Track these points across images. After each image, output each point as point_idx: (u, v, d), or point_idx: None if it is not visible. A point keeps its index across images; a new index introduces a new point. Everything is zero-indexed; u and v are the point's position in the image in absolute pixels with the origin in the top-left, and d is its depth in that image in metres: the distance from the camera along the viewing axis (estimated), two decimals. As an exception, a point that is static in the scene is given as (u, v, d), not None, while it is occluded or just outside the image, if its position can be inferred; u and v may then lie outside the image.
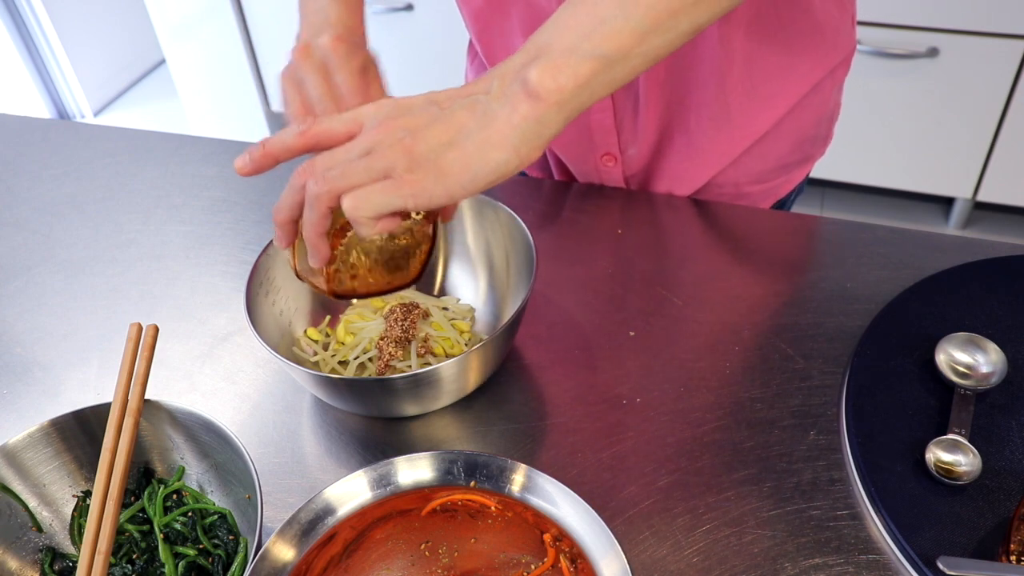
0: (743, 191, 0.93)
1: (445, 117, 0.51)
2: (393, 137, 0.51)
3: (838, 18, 0.84)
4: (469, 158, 0.50)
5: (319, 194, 0.51)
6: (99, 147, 1.06)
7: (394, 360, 0.71)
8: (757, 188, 0.93)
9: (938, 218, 2.26)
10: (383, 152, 0.51)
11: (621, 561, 0.48)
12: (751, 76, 0.83)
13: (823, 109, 0.92)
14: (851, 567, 0.57)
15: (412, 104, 0.52)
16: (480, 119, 0.50)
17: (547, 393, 0.71)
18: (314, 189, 0.51)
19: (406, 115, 0.52)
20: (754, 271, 0.81)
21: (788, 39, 0.82)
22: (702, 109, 0.85)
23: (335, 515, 0.53)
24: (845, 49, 0.87)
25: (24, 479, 0.60)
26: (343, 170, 0.51)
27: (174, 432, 0.61)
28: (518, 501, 0.53)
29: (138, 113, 3.00)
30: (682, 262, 0.83)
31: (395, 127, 0.51)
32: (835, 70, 0.88)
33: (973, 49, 1.83)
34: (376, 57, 0.66)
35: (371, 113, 0.53)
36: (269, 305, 0.71)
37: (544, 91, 0.50)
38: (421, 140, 0.50)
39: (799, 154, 0.93)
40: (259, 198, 0.95)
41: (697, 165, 0.90)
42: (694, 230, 0.88)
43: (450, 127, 0.51)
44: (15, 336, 0.81)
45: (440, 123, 0.51)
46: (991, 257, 0.77)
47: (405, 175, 0.50)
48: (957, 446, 0.61)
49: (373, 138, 0.51)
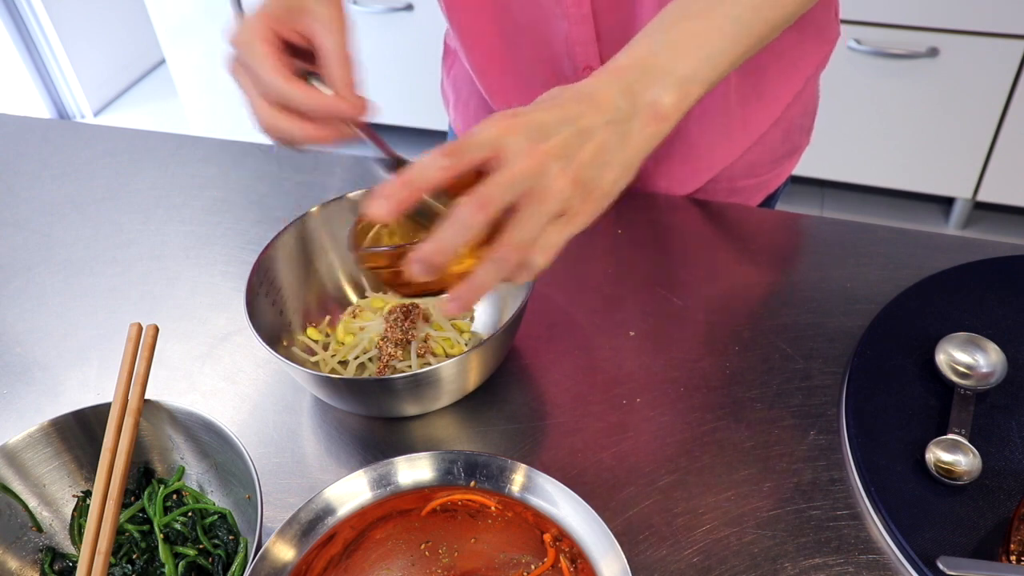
0: (736, 186, 0.93)
1: (589, 137, 0.50)
2: (553, 170, 0.48)
3: (825, 11, 0.85)
4: (619, 178, 0.51)
5: (507, 259, 0.48)
6: (99, 147, 1.06)
7: (394, 360, 0.71)
8: (751, 182, 0.94)
9: (938, 218, 2.26)
10: (553, 192, 0.48)
11: (621, 561, 0.48)
12: (752, 82, 0.84)
13: (810, 100, 0.93)
14: (851, 567, 0.57)
15: (546, 123, 0.49)
16: (619, 139, 0.51)
17: (547, 393, 0.71)
18: (509, 256, 0.48)
19: (548, 138, 0.48)
20: (754, 271, 0.81)
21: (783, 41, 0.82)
22: (704, 118, 0.86)
23: (335, 515, 0.53)
24: (833, 41, 0.88)
25: (24, 479, 0.60)
26: (531, 234, 0.48)
27: (174, 432, 0.61)
28: (518, 501, 0.53)
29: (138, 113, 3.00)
30: (682, 262, 0.83)
31: (546, 157, 0.48)
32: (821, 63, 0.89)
33: (973, 49, 1.83)
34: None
35: (509, 140, 0.47)
36: (269, 305, 0.71)
37: (671, 114, 0.53)
38: (582, 168, 0.49)
39: (788, 145, 0.94)
40: (259, 198, 0.95)
41: (697, 170, 0.91)
42: (694, 230, 0.88)
43: (599, 149, 0.50)
44: (15, 336, 0.81)
45: (588, 144, 0.50)
46: (991, 257, 0.77)
47: (579, 207, 0.49)
48: (957, 446, 0.61)
49: (528, 172, 0.47)
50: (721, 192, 0.93)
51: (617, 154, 0.51)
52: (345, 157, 0.99)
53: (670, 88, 0.53)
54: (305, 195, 0.94)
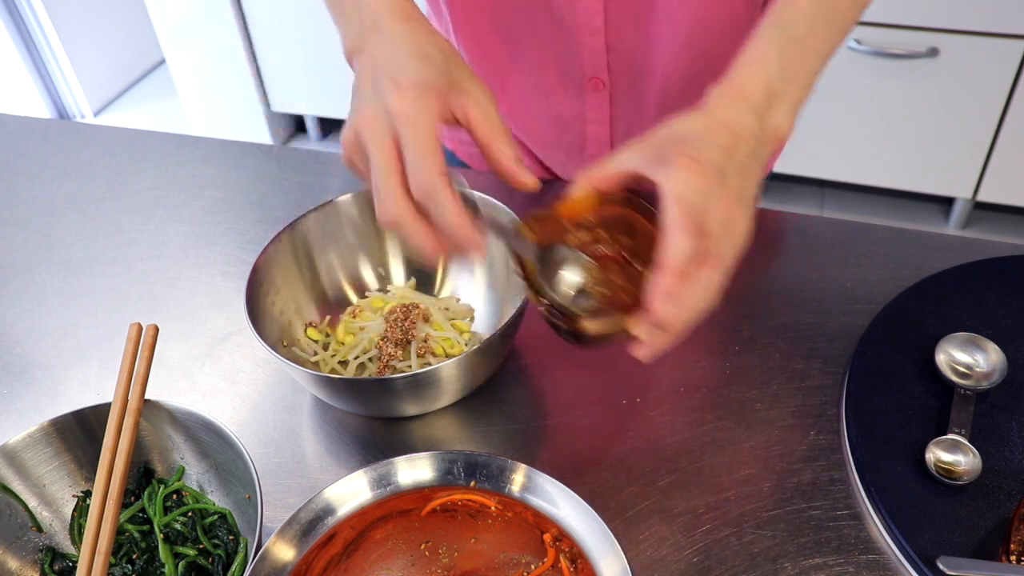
0: None
1: (747, 175, 0.53)
2: (726, 231, 0.50)
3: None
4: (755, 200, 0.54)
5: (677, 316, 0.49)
6: (99, 147, 1.06)
7: (394, 360, 0.71)
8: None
9: (938, 218, 2.26)
10: (725, 257, 0.50)
11: (621, 561, 0.48)
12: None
13: None
14: (851, 567, 0.57)
15: (723, 168, 0.50)
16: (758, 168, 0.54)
17: (547, 393, 0.71)
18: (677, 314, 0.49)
19: (727, 181, 0.50)
20: (754, 271, 0.81)
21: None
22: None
23: (335, 515, 0.53)
24: None
25: (24, 479, 0.60)
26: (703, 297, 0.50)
27: (174, 432, 0.61)
28: (518, 501, 0.53)
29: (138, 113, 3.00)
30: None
31: (734, 204, 0.50)
32: None
33: (973, 49, 1.83)
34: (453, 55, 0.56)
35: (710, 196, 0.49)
36: (269, 305, 0.71)
37: (787, 136, 0.57)
38: (746, 218, 0.52)
39: None
40: (259, 198, 0.95)
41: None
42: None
43: (753, 183, 0.53)
44: (15, 336, 0.81)
45: (748, 184, 0.53)
46: (991, 257, 0.77)
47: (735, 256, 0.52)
48: (957, 446, 0.61)
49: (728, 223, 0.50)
50: None
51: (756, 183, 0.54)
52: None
53: (788, 112, 0.56)
54: (305, 195, 0.94)
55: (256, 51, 2.44)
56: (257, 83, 2.51)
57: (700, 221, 0.48)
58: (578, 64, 0.80)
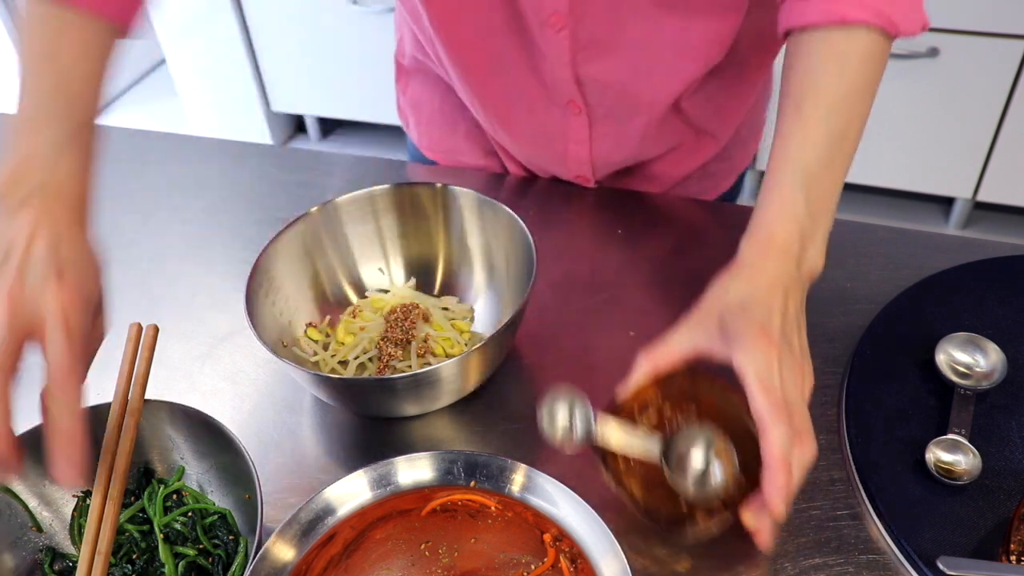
0: (709, 170, 0.94)
1: (801, 328, 0.56)
2: (801, 397, 0.53)
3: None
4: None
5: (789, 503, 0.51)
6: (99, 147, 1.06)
7: (394, 360, 0.71)
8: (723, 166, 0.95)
9: (938, 218, 2.26)
10: (807, 427, 0.52)
11: (621, 561, 0.48)
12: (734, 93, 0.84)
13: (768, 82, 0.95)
14: (851, 567, 0.57)
15: (786, 332, 0.54)
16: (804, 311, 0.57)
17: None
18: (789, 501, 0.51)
19: (791, 352, 0.53)
20: (754, 271, 0.81)
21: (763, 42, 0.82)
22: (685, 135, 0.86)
23: (335, 515, 0.53)
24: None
25: (24, 479, 0.60)
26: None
27: (174, 432, 0.61)
28: (518, 501, 0.53)
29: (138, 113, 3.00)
30: (682, 261, 0.83)
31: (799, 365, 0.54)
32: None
33: (973, 49, 1.83)
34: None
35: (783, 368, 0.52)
36: (269, 305, 0.71)
37: (821, 268, 0.59)
38: (811, 374, 0.55)
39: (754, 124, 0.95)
40: (259, 198, 0.95)
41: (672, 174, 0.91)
42: (694, 230, 0.88)
43: (805, 334, 0.56)
44: (15, 336, 0.81)
45: (803, 337, 0.56)
46: (991, 257, 0.77)
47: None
48: (957, 446, 0.61)
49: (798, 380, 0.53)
50: (695, 177, 0.93)
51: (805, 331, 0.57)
52: (345, 157, 0.99)
53: (820, 247, 0.59)
54: (305, 195, 0.94)
55: (256, 51, 2.44)
56: (257, 83, 2.51)
57: (783, 397, 0.51)
58: (556, 89, 0.80)
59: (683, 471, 0.53)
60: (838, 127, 0.60)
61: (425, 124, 0.97)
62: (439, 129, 0.96)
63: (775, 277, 0.55)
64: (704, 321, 0.55)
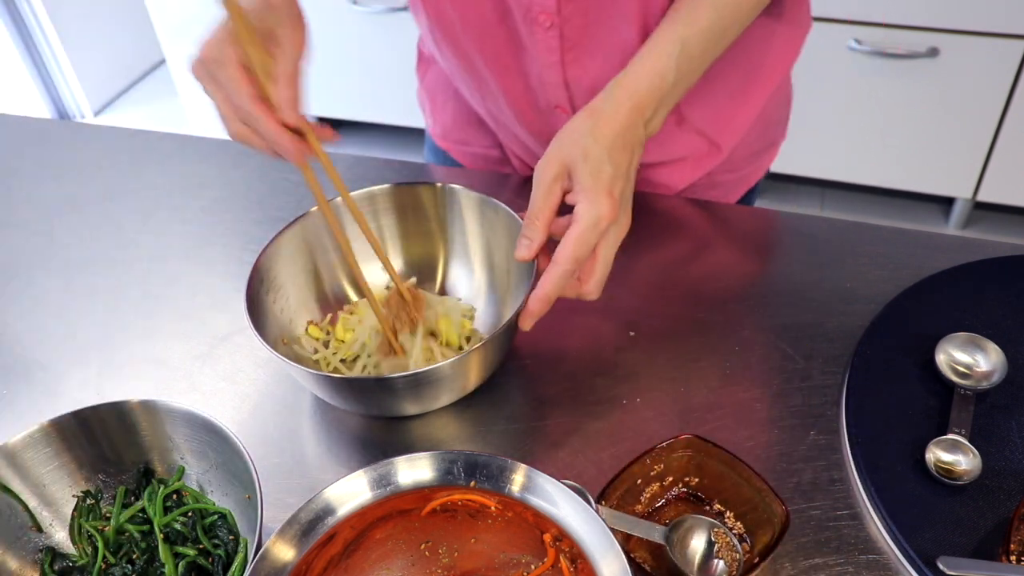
0: (716, 180, 0.93)
1: (631, 182, 0.65)
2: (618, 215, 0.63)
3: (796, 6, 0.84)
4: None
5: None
6: (99, 147, 1.06)
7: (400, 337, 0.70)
8: (731, 177, 0.94)
9: (938, 218, 2.26)
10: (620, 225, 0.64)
11: (621, 561, 0.48)
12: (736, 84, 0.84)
13: (785, 93, 0.93)
14: (851, 567, 0.57)
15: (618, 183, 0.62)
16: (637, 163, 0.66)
17: (547, 393, 0.71)
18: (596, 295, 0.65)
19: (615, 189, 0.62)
20: (754, 271, 0.81)
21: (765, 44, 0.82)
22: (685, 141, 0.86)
23: (335, 515, 0.53)
24: (807, 26, 0.87)
25: (24, 479, 0.60)
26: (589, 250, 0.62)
27: (174, 432, 0.61)
28: (518, 501, 0.53)
29: (138, 113, 3.00)
30: (682, 262, 0.83)
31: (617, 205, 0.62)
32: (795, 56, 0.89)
33: (973, 49, 1.83)
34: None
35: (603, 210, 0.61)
36: (270, 304, 0.71)
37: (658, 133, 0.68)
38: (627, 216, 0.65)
39: (766, 139, 0.94)
40: (259, 198, 0.95)
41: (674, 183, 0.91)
42: (695, 230, 0.88)
43: (632, 186, 0.66)
44: (15, 336, 0.81)
45: (629, 188, 0.65)
46: (991, 257, 0.77)
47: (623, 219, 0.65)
48: (957, 446, 0.61)
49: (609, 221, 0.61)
50: (701, 188, 0.93)
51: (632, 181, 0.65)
52: (345, 157, 0.99)
53: (664, 117, 0.67)
54: (305, 195, 0.94)
55: (256, 51, 2.43)
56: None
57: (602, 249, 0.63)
58: (544, 93, 0.81)
59: (686, 559, 0.56)
60: (721, 24, 0.66)
61: (439, 111, 0.99)
62: (452, 117, 0.98)
63: (623, 130, 0.62)
64: (557, 166, 0.63)
